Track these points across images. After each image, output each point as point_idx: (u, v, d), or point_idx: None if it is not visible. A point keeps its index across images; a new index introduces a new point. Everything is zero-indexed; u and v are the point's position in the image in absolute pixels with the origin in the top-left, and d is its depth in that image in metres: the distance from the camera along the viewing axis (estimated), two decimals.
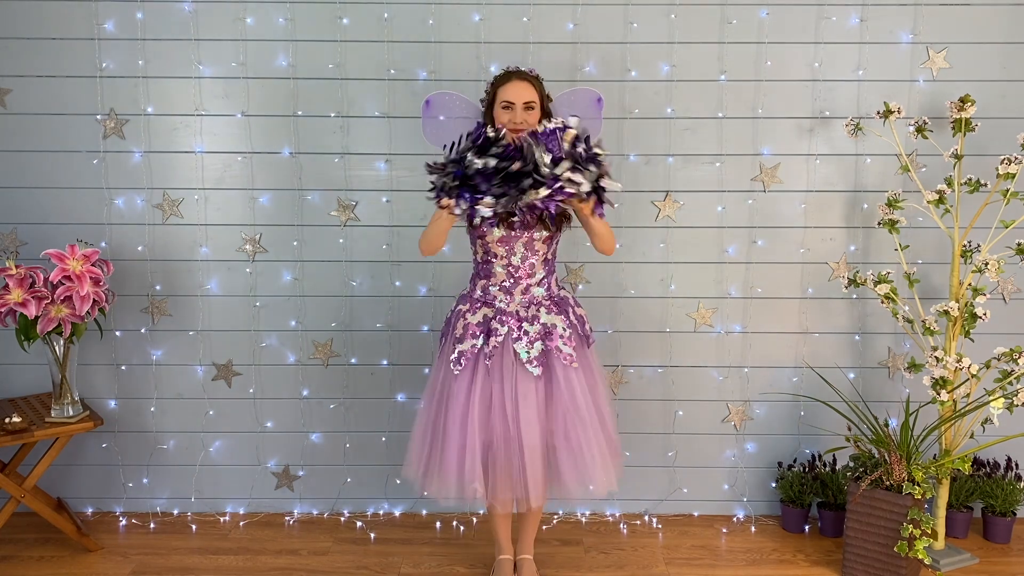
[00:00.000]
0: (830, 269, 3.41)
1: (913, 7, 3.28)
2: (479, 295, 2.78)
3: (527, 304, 2.75)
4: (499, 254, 2.73)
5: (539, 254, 2.74)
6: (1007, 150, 3.19)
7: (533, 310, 2.75)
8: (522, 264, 2.73)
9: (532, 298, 2.76)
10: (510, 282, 2.75)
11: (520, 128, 2.65)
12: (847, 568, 3.06)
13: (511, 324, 2.72)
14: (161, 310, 3.42)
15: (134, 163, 3.35)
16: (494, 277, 2.75)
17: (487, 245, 2.72)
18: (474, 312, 2.76)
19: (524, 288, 2.75)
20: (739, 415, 3.48)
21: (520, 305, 2.75)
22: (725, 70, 3.31)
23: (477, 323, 2.74)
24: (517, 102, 2.66)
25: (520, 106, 2.66)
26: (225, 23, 3.28)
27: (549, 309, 2.76)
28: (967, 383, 3.08)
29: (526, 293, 2.76)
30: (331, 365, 3.46)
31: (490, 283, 2.76)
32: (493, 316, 2.74)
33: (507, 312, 2.74)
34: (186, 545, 3.29)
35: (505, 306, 2.75)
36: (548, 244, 2.76)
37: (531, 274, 2.75)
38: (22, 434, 3.01)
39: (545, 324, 2.73)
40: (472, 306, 2.77)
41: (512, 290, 2.75)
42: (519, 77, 2.70)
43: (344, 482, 3.52)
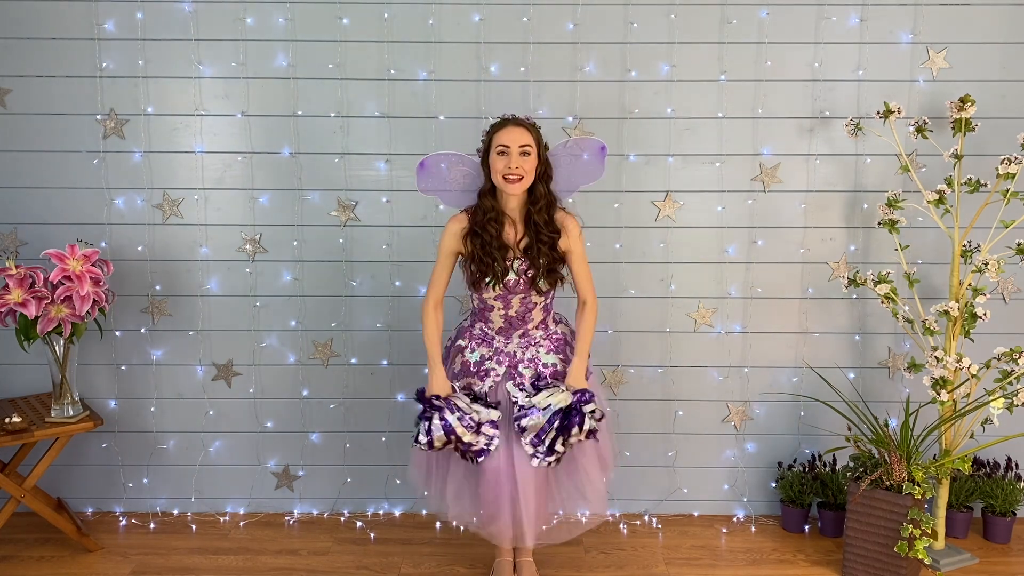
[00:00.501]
0: (830, 269, 3.41)
1: (913, 7, 3.28)
2: (478, 333, 2.83)
3: (524, 346, 2.79)
4: (496, 307, 2.76)
5: (536, 306, 2.77)
6: (1007, 150, 3.18)
7: (531, 352, 2.78)
8: (517, 315, 2.77)
9: (530, 340, 2.80)
10: (508, 329, 2.79)
11: (516, 175, 2.61)
12: (847, 568, 3.06)
13: (507, 365, 2.77)
14: (161, 310, 3.42)
15: (134, 163, 3.35)
16: (491, 324, 2.80)
17: (484, 300, 2.76)
18: (472, 350, 2.81)
19: (522, 333, 2.80)
20: (739, 415, 3.48)
21: (518, 347, 2.79)
22: (725, 70, 3.31)
23: (474, 362, 2.79)
24: (512, 145, 2.61)
25: (516, 149, 2.61)
26: (225, 23, 3.28)
27: (548, 350, 2.80)
28: (967, 383, 3.08)
29: (524, 336, 2.80)
30: (331, 365, 3.46)
31: (487, 326, 2.81)
32: (490, 356, 2.78)
33: (503, 352, 2.78)
34: (186, 545, 3.29)
35: (503, 347, 2.79)
36: (545, 296, 2.79)
37: (529, 320, 2.79)
38: (22, 434, 3.01)
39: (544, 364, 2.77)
40: (471, 343, 2.82)
41: (510, 334, 2.80)
42: (515, 123, 2.67)
43: (344, 482, 3.52)
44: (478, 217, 2.70)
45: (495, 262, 2.66)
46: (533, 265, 2.68)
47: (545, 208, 2.69)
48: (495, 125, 2.71)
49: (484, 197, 2.71)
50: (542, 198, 2.69)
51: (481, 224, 2.68)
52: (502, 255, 2.67)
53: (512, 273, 2.69)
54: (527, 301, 2.74)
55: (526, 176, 2.64)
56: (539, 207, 2.68)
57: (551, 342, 2.82)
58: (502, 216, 2.70)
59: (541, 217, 2.69)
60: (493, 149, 2.66)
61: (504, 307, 2.74)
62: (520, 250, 2.70)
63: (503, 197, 2.70)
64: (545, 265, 2.68)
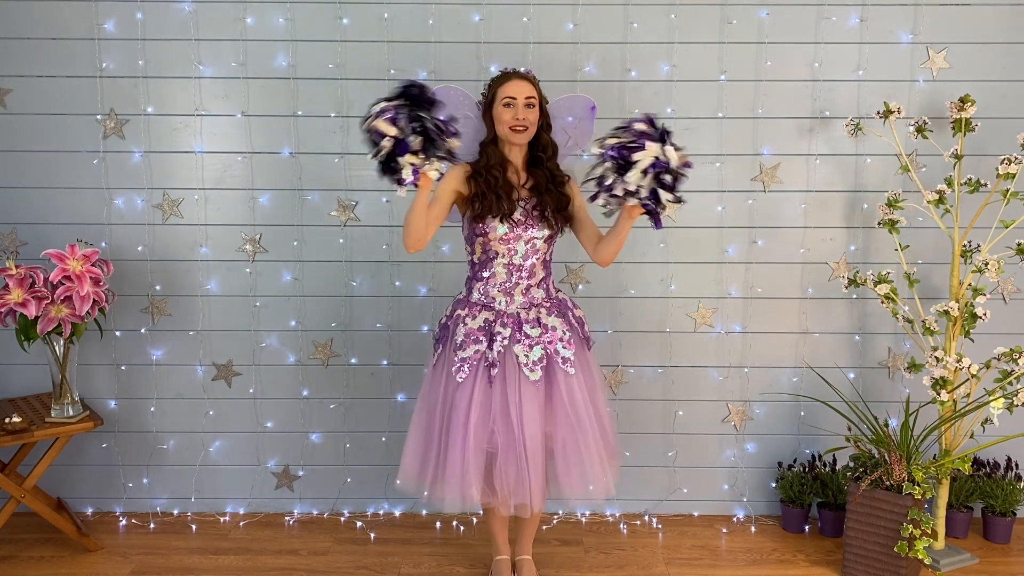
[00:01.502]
0: (830, 269, 3.42)
1: (913, 7, 3.28)
2: (478, 298, 2.76)
3: (527, 306, 2.75)
4: (500, 252, 2.71)
5: (539, 253, 2.74)
6: (1007, 150, 3.18)
7: (534, 312, 2.74)
8: (523, 263, 2.72)
9: (532, 300, 2.75)
10: (511, 283, 2.74)
11: (522, 125, 2.67)
12: (847, 568, 3.06)
13: (512, 326, 2.71)
14: (161, 310, 3.42)
15: (134, 163, 3.35)
16: (494, 278, 2.74)
17: (488, 243, 2.71)
18: (474, 317, 2.73)
19: (524, 289, 2.74)
20: (739, 415, 3.48)
21: (520, 307, 2.74)
22: (725, 70, 3.31)
23: (479, 327, 2.72)
24: (519, 97, 2.67)
25: (522, 101, 2.67)
26: (225, 23, 3.28)
27: (549, 311, 2.76)
28: (967, 383, 3.08)
29: (526, 294, 2.75)
30: (331, 365, 3.47)
31: (489, 284, 2.75)
32: (494, 319, 2.72)
33: (507, 314, 2.73)
34: (186, 545, 3.29)
35: (505, 308, 2.74)
36: (548, 244, 2.75)
37: (532, 274, 2.74)
38: (22, 434, 3.01)
39: (545, 326, 2.73)
40: (471, 310, 2.75)
41: (512, 291, 2.74)
42: (518, 76, 2.72)
43: (344, 482, 3.52)
44: (482, 163, 2.73)
45: (500, 199, 2.67)
46: (540, 203, 2.71)
47: (553, 154, 2.77)
48: (497, 79, 2.74)
49: (489, 145, 2.75)
50: (549, 145, 2.76)
51: (486, 167, 2.72)
52: (507, 193, 2.69)
53: (519, 211, 2.69)
54: (532, 245, 2.71)
55: (531, 127, 2.69)
56: (549, 154, 2.76)
57: (553, 304, 2.78)
58: (506, 163, 2.74)
59: (552, 163, 2.76)
60: (498, 101, 2.69)
61: (509, 253, 2.70)
62: (527, 190, 2.74)
63: (506, 147, 2.74)
64: (553, 204, 2.72)
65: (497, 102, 2.70)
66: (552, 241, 2.77)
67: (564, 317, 2.77)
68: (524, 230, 2.69)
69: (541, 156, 2.75)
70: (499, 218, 2.66)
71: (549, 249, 2.78)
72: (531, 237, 2.70)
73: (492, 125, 2.74)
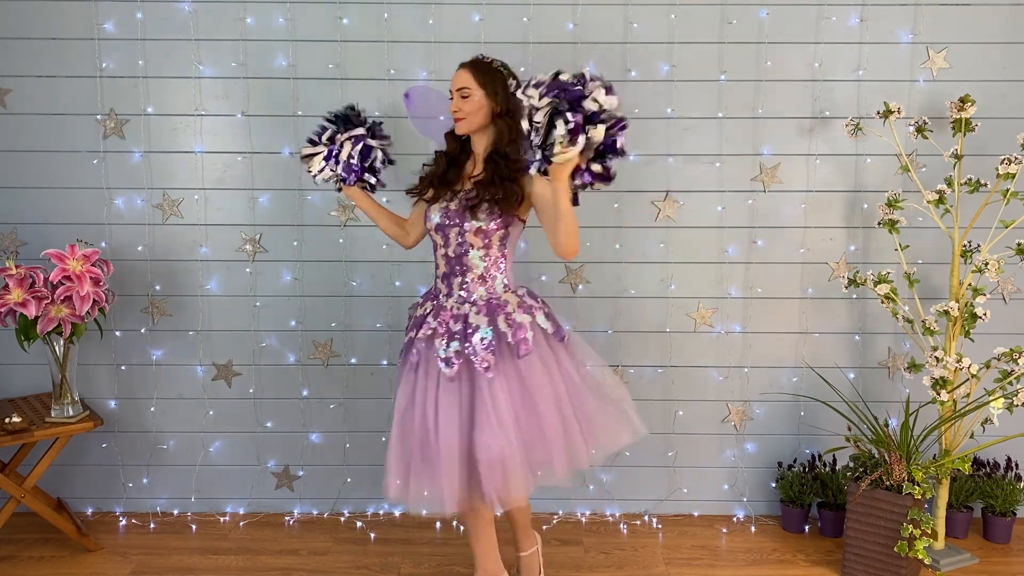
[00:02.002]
0: (830, 269, 3.42)
1: (913, 7, 3.28)
2: (431, 291, 2.77)
3: (461, 302, 2.64)
4: (437, 243, 2.68)
5: (476, 248, 2.61)
6: (1007, 150, 3.19)
7: (466, 309, 2.63)
8: (455, 256, 2.63)
9: (468, 296, 2.64)
10: (451, 275, 2.66)
11: (457, 116, 2.62)
12: (847, 568, 3.06)
13: (442, 319, 2.63)
14: (161, 310, 3.42)
15: (134, 163, 3.35)
16: (438, 269, 2.71)
17: (429, 231, 2.70)
18: (422, 306, 2.75)
19: (462, 282, 2.65)
20: (739, 415, 3.48)
21: (456, 302, 2.65)
22: (725, 70, 3.31)
23: (419, 315, 2.72)
24: (453, 88, 2.63)
25: (455, 92, 2.63)
26: (225, 23, 3.28)
27: (479, 311, 2.61)
28: (967, 383, 3.08)
29: (464, 289, 2.65)
30: (331, 365, 3.47)
31: (437, 275, 2.72)
32: (431, 311, 2.68)
33: (443, 307, 2.66)
34: (186, 545, 3.29)
35: (444, 300, 2.67)
36: (484, 239, 2.60)
37: (467, 268, 2.63)
38: (22, 434, 3.01)
39: (469, 324, 2.59)
40: (424, 299, 2.76)
41: (451, 284, 2.66)
42: (462, 66, 2.65)
43: (344, 482, 3.52)
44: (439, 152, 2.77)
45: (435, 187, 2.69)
46: (480, 194, 2.58)
47: (510, 142, 2.59)
48: None
49: (448, 134, 2.76)
50: (504, 133, 2.59)
51: (437, 154, 2.76)
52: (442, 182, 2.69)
53: (455, 202, 2.63)
54: (462, 239, 2.61)
55: (468, 116, 2.60)
56: (504, 142, 2.59)
57: (484, 302, 2.62)
58: (463, 153, 2.73)
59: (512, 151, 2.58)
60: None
61: (444, 243, 2.66)
62: (473, 182, 2.65)
63: (472, 138, 2.71)
64: (492, 197, 2.57)
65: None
66: (488, 236, 2.59)
67: (491, 318, 2.60)
68: (455, 223, 2.61)
69: (496, 145, 2.63)
70: (432, 206, 2.66)
71: (491, 245, 2.62)
72: (461, 229, 2.61)
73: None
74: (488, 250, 2.63)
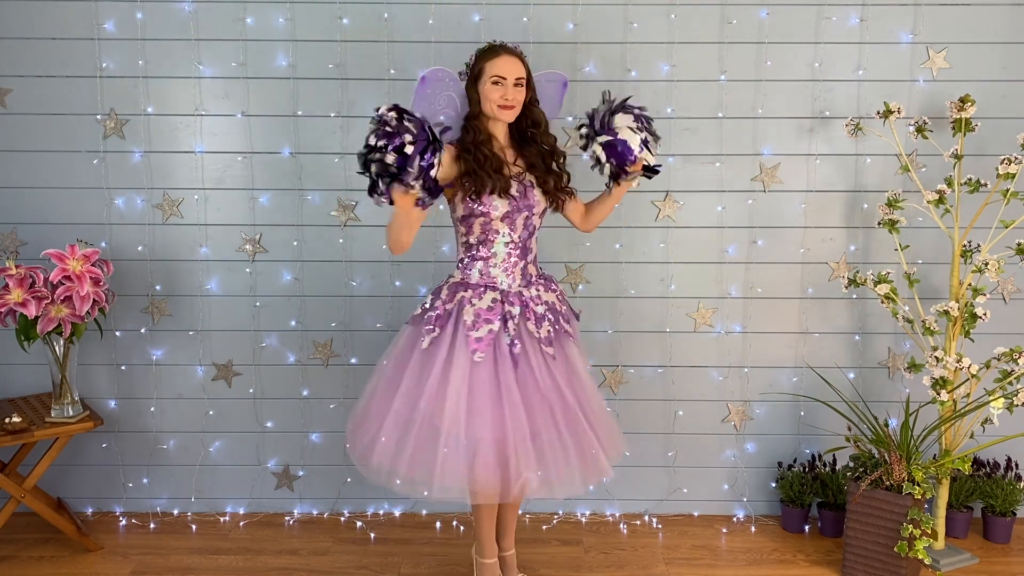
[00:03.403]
0: (830, 269, 3.42)
1: (913, 7, 3.28)
2: (479, 279, 2.67)
3: (526, 284, 2.70)
4: (501, 231, 2.64)
5: (536, 229, 2.73)
6: (1007, 150, 3.19)
7: (533, 289, 2.70)
8: (521, 241, 2.66)
9: (528, 278, 2.71)
10: (509, 262, 2.66)
11: (510, 105, 2.60)
12: (847, 568, 3.06)
13: (519, 305, 2.65)
14: (161, 310, 3.42)
15: (134, 163, 3.36)
16: (494, 257, 2.65)
17: (489, 222, 2.62)
18: (480, 297, 2.64)
19: (524, 266, 2.70)
20: (739, 415, 3.48)
21: (521, 286, 2.69)
22: (725, 70, 3.31)
23: (487, 307, 2.63)
24: (509, 77, 2.58)
25: (511, 81, 2.58)
26: (225, 23, 3.28)
27: (546, 287, 2.75)
28: (967, 383, 3.08)
29: (524, 274, 2.70)
30: (331, 365, 3.47)
31: (490, 264, 2.66)
32: (501, 299, 2.64)
33: (512, 293, 2.66)
34: (186, 545, 3.29)
35: (508, 287, 2.66)
36: (541, 219, 2.73)
37: (530, 250, 2.72)
38: (22, 434, 3.01)
39: (547, 303, 2.71)
40: (475, 292, 2.65)
41: (512, 270, 2.67)
42: (509, 52, 2.61)
43: (344, 482, 3.52)
44: (467, 139, 2.64)
45: (492, 175, 2.59)
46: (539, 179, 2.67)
47: (546, 129, 2.71)
48: (485, 52, 2.64)
49: (472, 121, 2.66)
50: (542, 121, 2.70)
51: (474, 143, 2.63)
52: (498, 169, 2.61)
53: (514, 186, 2.62)
54: (530, 222, 2.67)
55: (518, 107, 2.63)
56: (542, 129, 2.69)
57: (543, 280, 2.76)
58: (491, 138, 2.67)
59: (547, 139, 2.71)
60: (486, 78, 2.60)
61: (511, 228, 2.63)
62: (519, 166, 2.68)
63: (490, 122, 2.67)
64: (553, 181, 2.69)
65: (485, 78, 2.60)
66: (543, 217, 2.74)
67: (555, 292, 2.77)
68: (523, 206, 2.63)
69: (534, 132, 2.68)
70: (496, 194, 2.58)
71: (540, 225, 2.75)
72: (530, 214, 2.65)
73: (477, 100, 2.64)
74: (537, 232, 2.75)
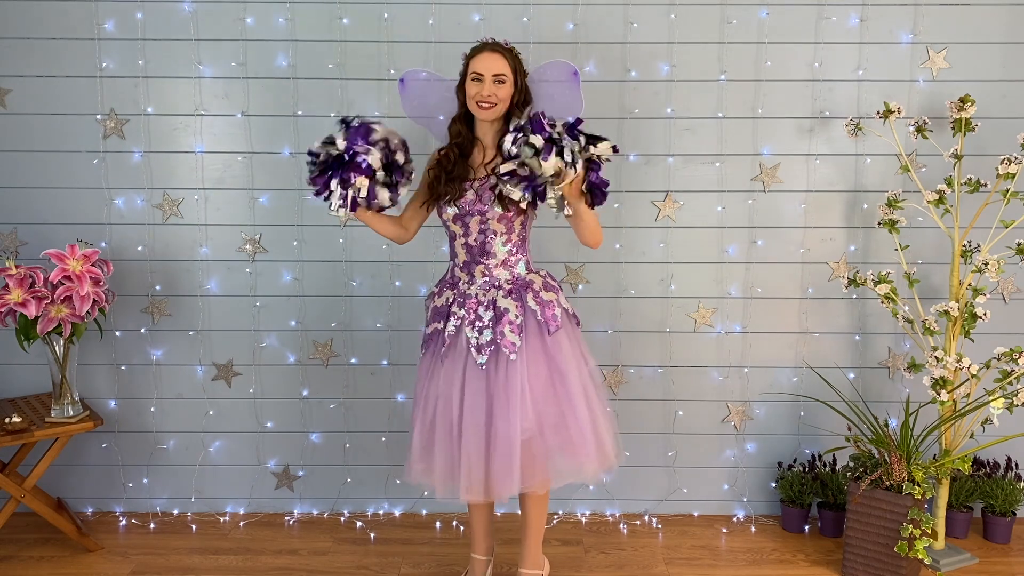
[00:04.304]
0: (830, 269, 3.42)
1: (913, 7, 3.28)
2: (447, 279, 2.76)
3: (487, 287, 2.67)
4: (456, 233, 2.68)
5: (498, 234, 2.64)
6: (1007, 150, 3.19)
7: (492, 294, 2.65)
8: (477, 244, 2.65)
9: (493, 281, 2.67)
10: (472, 263, 2.68)
11: (490, 102, 2.59)
12: (847, 568, 3.06)
13: (469, 306, 2.65)
14: (161, 310, 3.42)
15: (134, 163, 3.36)
16: (457, 258, 2.71)
17: (445, 223, 2.69)
18: (440, 294, 2.73)
19: (484, 269, 2.67)
20: (739, 415, 3.48)
21: (480, 288, 2.67)
22: (725, 70, 3.31)
23: (440, 306, 2.70)
24: (487, 73, 2.57)
25: (489, 77, 2.57)
26: (225, 23, 3.28)
27: (507, 294, 2.64)
28: (967, 383, 3.08)
29: (487, 275, 2.67)
30: (331, 365, 3.47)
31: (455, 264, 2.72)
32: (453, 300, 2.69)
33: (467, 295, 2.67)
34: (186, 545, 3.29)
35: (467, 288, 2.68)
36: (506, 224, 2.63)
37: (490, 254, 2.65)
38: (22, 434, 3.01)
39: (498, 308, 2.62)
40: (440, 289, 2.75)
41: (472, 271, 2.68)
42: (491, 49, 2.62)
43: (344, 482, 3.52)
44: (444, 148, 2.70)
45: (449, 183, 2.63)
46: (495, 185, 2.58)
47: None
48: (473, 49, 2.66)
49: (454, 123, 2.71)
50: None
51: (445, 150, 2.69)
52: (461, 175, 2.64)
53: (471, 192, 2.63)
54: (485, 228, 2.63)
55: (500, 103, 2.60)
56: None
57: (511, 285, 2.65)
58: (470, 142, 2.68)
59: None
60: (468, 75, 2.62)
61: (464, 233, 2.66)
62: (487, 170, 2.65)
63: (477, 124, 2.68)
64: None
65: (468, 75, 2.62)
66: (511, 222, 2.63)
67: (521, 300, 2.64)
68: (475, 211, 2.62)
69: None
70: (449, 201, 2.63)
71: (513, 230, 2.65)
72: (483, 218, 2.62)
73: (463, 100, 2.66)
74: (510, 235, 2.66)
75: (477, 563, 2.92)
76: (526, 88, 2.67)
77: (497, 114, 2.62)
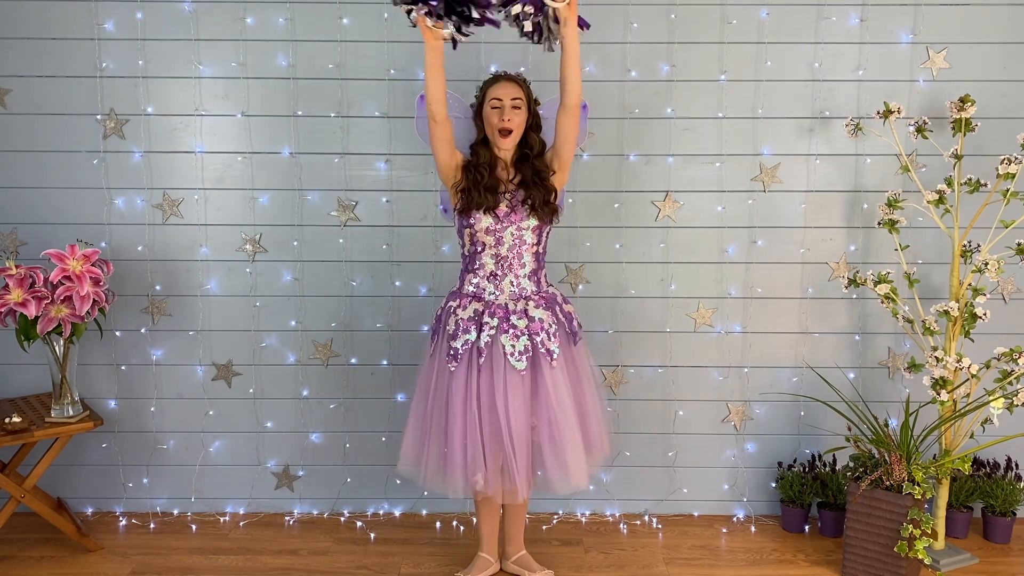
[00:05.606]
0: (830, 269, 3.41)
1: (913, 7, 3.28)
2: (469, 290, 2.82)
3: (516, 297, 2.79)
4: (487, 243, 2.76)
5: (527, 244, 2.78)
6: (1007, 150, 3.18)
7: (522, 304, 2.79)
8: (510, 254, 2.77)
9: (521, 292, 2.79)
10: (499, 274, 2.78)
11: (508, 128, 2.75)
12: (847, 568, 3.06)
13: (500, 316, 2.76)
14: (161, 310, 3.42)
15: (134, 163, 3.35)
16: (483, 269, 2.79)
17: (475, 235, 2.76)
18: (464, 308, 2.79)
19: (513, 280, 2.79)
20: (739, 415, 3.48)
21: (509, 298, 2.79)
22: (725, 70, 3.31)
23: (468, 318, 2.77)
24: (505, 99, 2.75)
25: (508, 103, 2.75)
26: (225, 23, 3.28)
27: (537, 304, 2.80)
28: (967, 383, 3.08)
29: (515, 286, 2.79)
30: (331, 365, 3.47)
31: (479, 275, 2.80)
32: (483, 311, 2.77)
33: (496, 305, 2.78)
34: (186, 545, 3.29)
35: (494, 299, 2.78)
36: (537, 235, 2.79)
37: (520, 265, 2.79)
38: (22, 434, 3.01)
39: (532, 318, 2.77)
40: (462, 302, 2.81)
41: (500, 282, 2.79)
42: (507, 79, 2.81)
43: (344, 482, 3.52)
44: (472, 161, 2.82)
45: (484, 194, 2.74)
46: (529, 196, 2.76)
47: (540, 152, 2.84)
48: (488, 81, 2.84)
49: (478, 146, 2.84)
50: (536, 144, 2.84)
51: (475, 166, 2.80)
52: (492, 189, 2.76)
53: (504, 203, 2.75)
54: (519, 237, 2.76)
55: (516, 129, 2.78)
56: (536, 152, 2.83)
57: (541, 297, 2.82)
58: (496, 162, 2.82)
59: (540, 160, 2.83)
60: (487, 103, 2.79)
61: (496, 243, 2.76)
62: (515, 184, 2.80)
63: (495, 146, 2.83)
64: (540, 198, 2.76)
65: (486, 104, 2.79)
66: (540, 233, 2.80)
67: (551, 310, 2.81)
68: (510, 222, 2.74)
69: (528, 153, 2.82)
70: (483, 210, 2.73)
71: (539, 242, 2.81)
72: (518, 228, 2.75)
73: (482, 126, 2.83)
74: (536, 247, 2.80)
75: (483, 560, 3.00)
76: (537, 114, 2.85)
77: (515, 141, 2.80)
